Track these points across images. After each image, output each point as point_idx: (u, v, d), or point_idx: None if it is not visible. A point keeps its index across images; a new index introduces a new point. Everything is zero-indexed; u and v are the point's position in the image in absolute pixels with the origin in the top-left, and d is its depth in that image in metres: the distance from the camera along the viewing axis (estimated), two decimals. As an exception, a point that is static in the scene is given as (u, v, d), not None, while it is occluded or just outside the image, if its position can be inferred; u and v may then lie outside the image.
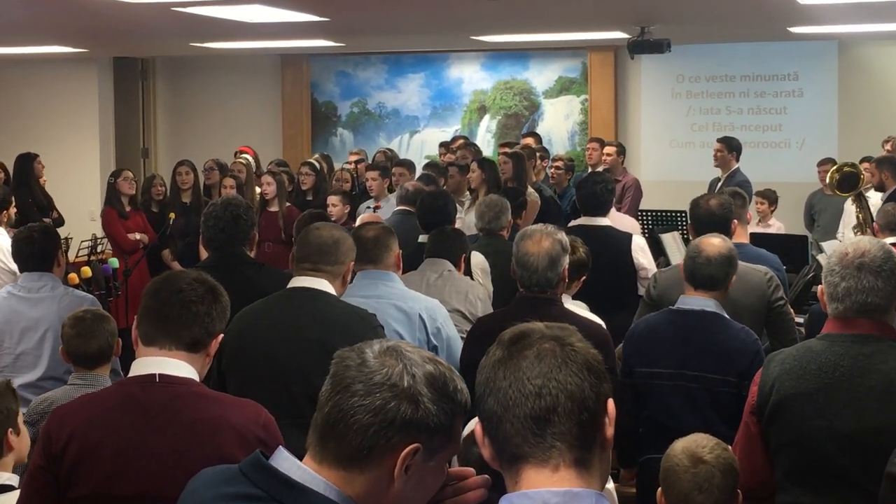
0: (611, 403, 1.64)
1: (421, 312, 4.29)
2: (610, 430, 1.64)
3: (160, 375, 2.58)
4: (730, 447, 3.07)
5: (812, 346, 3.02)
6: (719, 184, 8.63)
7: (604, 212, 5.98)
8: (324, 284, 3.71)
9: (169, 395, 2.56)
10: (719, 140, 9.10)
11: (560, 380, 1.61)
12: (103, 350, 3.98)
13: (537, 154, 9.24)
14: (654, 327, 4.08)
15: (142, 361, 2.63)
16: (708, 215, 4.79)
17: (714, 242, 4.06)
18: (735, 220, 4.88)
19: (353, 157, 10.68)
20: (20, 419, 3.19)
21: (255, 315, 3.73)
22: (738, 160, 8.91)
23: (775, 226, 9.41)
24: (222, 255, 4.57)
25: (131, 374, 2.64)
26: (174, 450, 2.52)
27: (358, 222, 6.49)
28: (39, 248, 4.83)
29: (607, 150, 9.62)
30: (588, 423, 1.61)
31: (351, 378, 1.77)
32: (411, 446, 1.75)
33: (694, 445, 2.99)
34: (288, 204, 8.56)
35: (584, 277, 4.68)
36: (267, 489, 1.77)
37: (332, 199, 8.05)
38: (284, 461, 1.79)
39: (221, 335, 2.73)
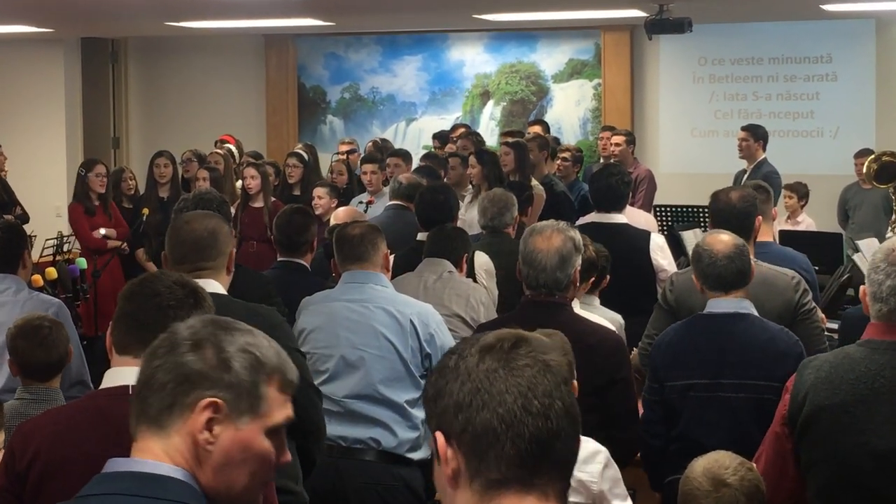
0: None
1: (412, 317, 4.27)
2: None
3: (133, 387, 2.58)
4: (755, 466, 3.06)
5: (850, 353, 2.99)
6: (745, 176, 8.64)
7: (619, 207, 5.99)
8: (212, 285, 3.57)
9: None
10: (744, 128, 9.11)
11: (563, 400, 1.62)
12: (62, 360, 4.00)
13: (550, 144, 9.21)
14: (685, 336, 4.05)
15: (114, 372, 2.63)
16: (728, 210, 4.79)
17: (723, 239, 4.08)
18: (759, 217, 4.88)
19: (345, 147, 10.66)
20: (0, 438, 3.19)
21: None
22: (764, 150, 8.92)
23: (805, 222, 9.41)
24: None
25: (103, 385, 2.64)
26: None
27: (333, 218, 6.47)
28: (4, 248, 4.83)
29: (615, 139, 9.62)
30: (577, 450, 1.64)
31: (155, 346, 1.92)
32: (206, 400, 1.86)
33: (716, 466, 2.98)
34: (273, 199, 8.57)
35: (592, 279, 4.69)
36: (119, 490, 1.87)
37: (319, 192, 8.02)
38: (119, 463, 1.91)
39: None
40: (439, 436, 1.63)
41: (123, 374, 2.60)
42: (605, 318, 4.56)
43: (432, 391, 1.66)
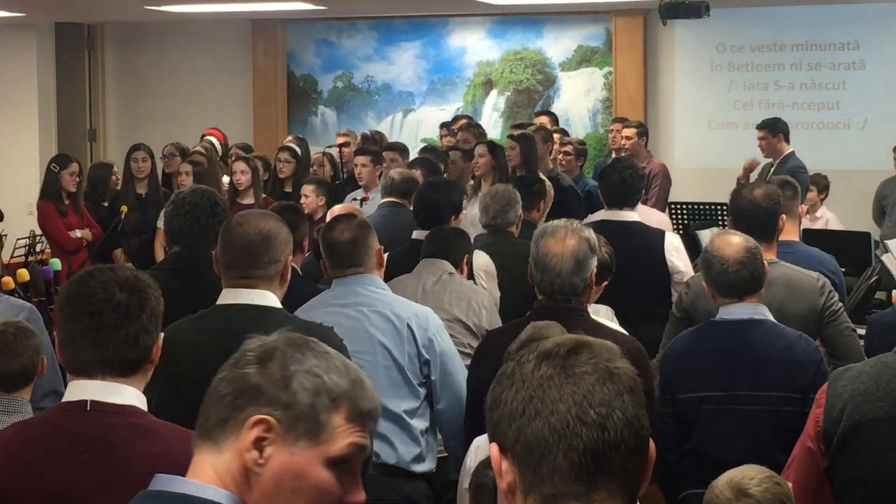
0: (650, 441, 1.66)
1: (409, 321, 4.25)
2: (650, 474, 1.66)
3: (92, 402, 2.54)
4: (788, 483, 3.04)
5: (890, 363, 2.97)
6: (770, 171, 8.63)
7: (632, 203, 5.98)
8: (265, 297, 3.50)
9: (101, 427, 2.52)
10: (759, 127, 9.14)
11: (624, 411, 1.60)
12: (27, 370, 3.99)
13: (554, 136, 9.20)
14: (697, 344, 4.06)
15: (75, 385, 2.59)
16: (751, 208, 4.78)
17: (734, 241, 4.10)
18: (783, 215, 4.88)
19: (340, 139, 10.65)
20: None
21: (183, 343, 3.42)
22: (788, 141, 8.91)
23: (824, 217, 9.36)
24: (189, 252, 4.53)
25: (64, 399, 2.61)
26: (104, 493, 2.48)
27: (329, 216, 6.46)
28: (-29, 249, 4.82)
29: (626, 131, 9.61)
30: (643, 466, 1.62)
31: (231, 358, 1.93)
32: (256, 416, 1.83)
33: (740, 476, 3.00)
34: (264, 195, 8.57)
35: (605, 283, 4.68)
36: None
37: (306, 189, 8.03)
38: (163, 481, 1.90)
39: (161, 335, 2.66)
40: (493, 448, 1.64)
41: (83, 386, 2.57)
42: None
43: (490, 400, 1.67)
